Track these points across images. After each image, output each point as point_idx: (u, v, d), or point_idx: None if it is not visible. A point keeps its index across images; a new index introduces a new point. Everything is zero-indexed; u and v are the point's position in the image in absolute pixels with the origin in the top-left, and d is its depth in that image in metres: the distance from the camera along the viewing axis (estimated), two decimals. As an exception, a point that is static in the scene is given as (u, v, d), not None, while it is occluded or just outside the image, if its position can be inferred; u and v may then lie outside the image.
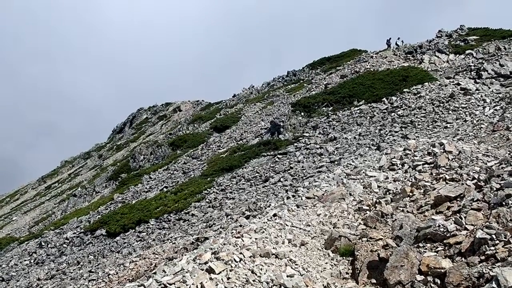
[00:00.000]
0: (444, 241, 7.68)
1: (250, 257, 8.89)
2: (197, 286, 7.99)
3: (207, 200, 21.67)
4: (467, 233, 7.54)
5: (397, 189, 11.72)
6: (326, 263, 9.17)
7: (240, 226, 12.04)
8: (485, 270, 6.39)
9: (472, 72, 26.78)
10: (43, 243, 25.88)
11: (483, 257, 6.69)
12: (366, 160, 15.96)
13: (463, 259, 7.03)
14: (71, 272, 19.28)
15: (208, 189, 23.19)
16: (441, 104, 22.52)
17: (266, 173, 21.73)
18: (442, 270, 7.00)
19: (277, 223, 10.94)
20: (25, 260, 24.66)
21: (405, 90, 26.64)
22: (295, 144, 25.10)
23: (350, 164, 16.12)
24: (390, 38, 39.57)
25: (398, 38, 39.47)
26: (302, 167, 20.34)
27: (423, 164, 12.57)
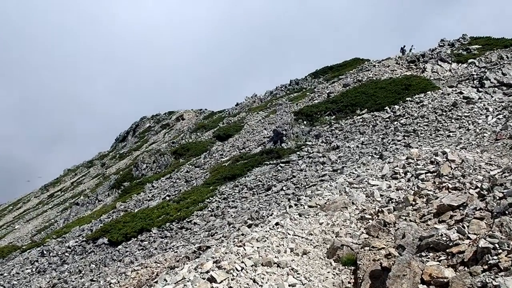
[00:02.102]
0: (447, 250, 7.63)
1: (251, 266, 8.86)
2: (198, 295, 7.96)
3: (209, 209, 21.63)
4: (470, 242, 7.49)
5: (399, 198, 11.67)
6: (328, 272, 9.12)
7: (242, 235, 12.00)
8: (488, 280, 6.34)
9: (475, 81, 26.76)
10: (45, 252, 25.84)
11: (486, 267, 6.64)
12: (368, 169, 15.92)
13: (466, 268, 6.98)
14: (73, 281, 19.22)
15: (210, 198, 23.15)
16: (444, 113, 22.50)
17: (269, 182, 21.69)
18: (445, 280, 6.95)
19: (279, 232, 10.90)
20: (27, 269, 24.61)
21: (407, 99, 26.63)
22: (298, 152, 25.07)
23: (353, 173, 16.07)
24: (404, 46, 39.87)
25: (412, 46, 39.65)
26: (305, 175, 20.30)
27: (425, 173, 12.53)
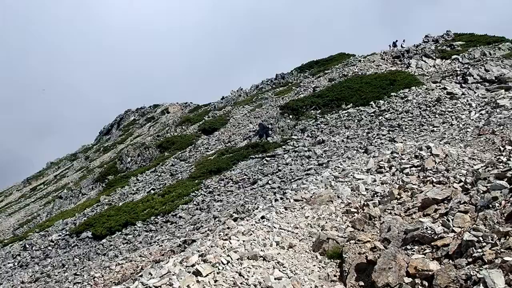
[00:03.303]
0: (432, 243, 7.70)
1: (237, 259, 8.84)
2: (184, 289, 7.91)
3: (194, 203, 21.54)
4: (454, 235, 7.57)
5: (384, 191, 11.76)
6: (314, 265, 9.15)
7: (228, 228, 11.96)
8: (473, 273, 6.42)
9: (458, 77, 27.08)
10: (27, 246, 25.47)
11: (470, 260, 6.72)
12: (354, 163, 16.01)
13: (450, 261, 7.06)
14: (56, 275, 19.00)
15: (196, 192, 23.05)
16: (428, 108, 22.72)
17: (254, 176, 21.68)
18: (430, 273, 7.02)
19: (265, 225, 10.90)
20: (9, 263, 24.24)
21: (392, 94, 26.82)
22: (284, 146, 25.09)
23: (338, 167, 16.15)
24: (396, 40, 40.23)
25: (404, 41, 40.02)
26: (290, 169, 20.33)
27: (410, 167, 12.64)
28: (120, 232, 21.71)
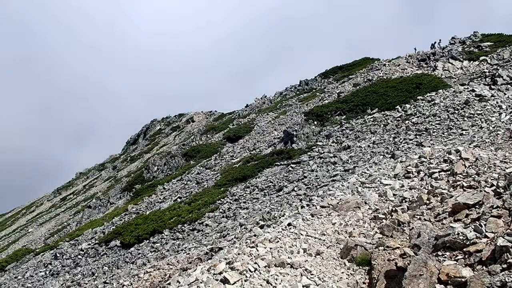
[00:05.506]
0: (464, 249, 7.49)
1: (265, 267, 8.79)
2: (212, 297, 7.92)
3: (221, 210, 21.62)
4: (487, 241, 7.34)
5: (413, 197, 11.53)
6: (342, 272, 9.02)
7: (254, 235, 11.94)
8: (508, 279, 6.21)
9: (487, 79, 26.46)
10: (58, 255, 26.01)
11: (505, 266, 6.50)
12: (380, 168, 15.78)
13: (484, 267, 6.84)
14: (86, 284, 19.30)
15: (221, 199, 23.14)
16: (456, 111, 22.26)
17: (280, 183, 21.62)
18: (463, 279, 6.82)
19: (292, 232, 10.82)
20: (40, 272, 24.80)
21: (419, 97, 26.41)
22: (309, 153, 24.97)
23: (365, 173, 15.94)
24: (435, 42, 39.72)
25: (440, 40, 39.53)
26: (316, 176, 20.19)
27: (439, 172, 12.36)
28: (147, 241, 21.95)
